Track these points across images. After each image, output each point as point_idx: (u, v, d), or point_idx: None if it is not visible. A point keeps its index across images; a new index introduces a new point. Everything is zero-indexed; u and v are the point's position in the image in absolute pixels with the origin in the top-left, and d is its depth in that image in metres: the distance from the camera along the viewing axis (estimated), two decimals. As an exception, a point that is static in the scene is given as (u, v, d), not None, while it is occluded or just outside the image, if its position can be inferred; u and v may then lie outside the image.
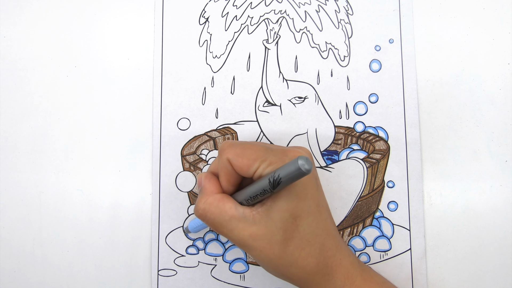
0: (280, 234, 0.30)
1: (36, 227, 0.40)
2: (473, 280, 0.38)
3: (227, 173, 0.31)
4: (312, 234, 0.31)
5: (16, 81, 0.42)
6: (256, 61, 0.41)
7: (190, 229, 0.38)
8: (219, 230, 0.31)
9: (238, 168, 0.30)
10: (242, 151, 0.31)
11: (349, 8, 0.41)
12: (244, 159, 0.30)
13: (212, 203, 0.31)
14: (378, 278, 0.35)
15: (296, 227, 0.30)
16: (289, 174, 0.26)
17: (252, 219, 0.30)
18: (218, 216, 0.31)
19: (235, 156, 0.31)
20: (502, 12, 0.41)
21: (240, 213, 0.30)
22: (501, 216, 0.39)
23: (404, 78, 0.40)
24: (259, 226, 0.30)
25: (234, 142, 0.32)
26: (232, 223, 0.30)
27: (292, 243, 0.30)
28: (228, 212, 0.31)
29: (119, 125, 0.41)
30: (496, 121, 0.40)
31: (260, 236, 0.30)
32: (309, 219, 0.31)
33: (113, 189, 0.40)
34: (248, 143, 0.32)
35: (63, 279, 0.40)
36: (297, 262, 0.31)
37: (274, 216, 0.30)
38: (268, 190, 0.28)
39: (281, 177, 0.27)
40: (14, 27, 0.42)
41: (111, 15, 0.42)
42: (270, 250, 0.30)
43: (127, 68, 0.41)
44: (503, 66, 0.40)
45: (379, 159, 0.40)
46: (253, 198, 0.30)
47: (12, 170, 0.41)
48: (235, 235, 0.31)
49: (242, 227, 0.30)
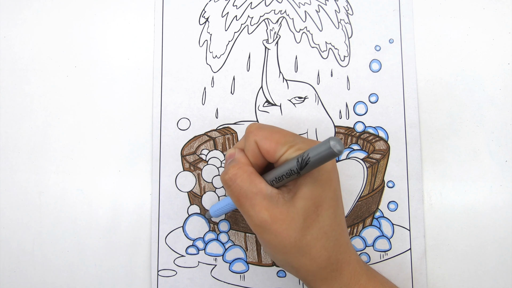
0: (300, 222, 0.29)
1: (36, 227, 0.40)
2: (473, 280, 0.38)
3: (253, 155, 0.31)
4: (330, 227, 0.30)
5: (16, 81, 0.42)
6: (256, 61, 0.41)
7: (211, 213, 0.37)
8: (242, 201, 0.30)
9: (265, 151, 0.30)
10: (271, 134, 0.30)
11: (349, 8, 0.41)
12: (273, 143, 0.30)
13: (246, 170, 0.30)
14: (381, 278, 0.35)
15: (317, 217, 0.30)
16: (320, 153, 0.26)
17: (277, 201, 0.30)
18: (247, 185, 0.30)
19: (262, 139, 0.30)
20: (502, 12, 0.41)
21: (268, 190, 0.30)
22: (501, 216, 0.39)
23: (404, 78, 0.40)
24: (282, 209, 0.29)
25: (262, 125, 0.31)
26: (257, 198, 0.30)
27: (310, 232, 0.30)
28: (257, 185, 0.30)
29: (119, 125, 0.41)
30: (496, 121, 0.40)
31: (280, 220, 0.29)
32: (329, 211, 0.30)
33: (113, 189, 0.40)
34: (277, 128, 0.32)
35: (63, 279, 0.40)
36: (310, 252, 0.30)
37: (297, 202, 0.29)
38: (295, 171, 0.28)
39: (310, 157, 0.26)
40: (14, 27, 0.42)
41: (111, 15, 0.42)
42: (287, 236, 0.29)
43: (127, 68, 0.41)
44: (503, 66, 0.40)
45: (379, 159, 0.40)
46: (278, 180, 0.29)
47: (12, 170, 0.41)
48: (255, 212, 0.30)
49: (265, 206, 0.30)
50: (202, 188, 0.40)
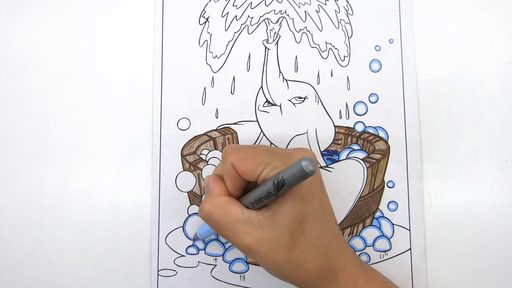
0: (286, 239, 0.30)
1: (36, 227, 0.40)
2: (473, 280, 0.38)
3: (231, 178, 0.31)
4: (318, 238, 0.31)
5: (16, 81, 0.42)
6: (256, 61, 0.41)
7: (198, 236, 0.38)
8: (224, 233, 0.31)
9: (242, 173, 0.30)
10: (246, 155, 0.30)
11: (349, 8, 0.41)
12: (248, 163, 0.30)
13: (218, 204, 0.31)
14: (380, 278, 0.35)
15: (302, 231, 0.30)
16: (293, 175, 0.26)
17: (258, 223, 0.30)
18: (223, 218, 0.30)
19: (238, 161, 0.30)
20: (502, 12, 0.41)
21: (246, 216, 0.30)
22: (501, 216, 0.39)
23: (404, 78, 0.40)
24: (265, 230, 0.30)
25: (238, 146, 0.32)
26: (237, 226, 0.30)
27: (298, 247, 0.30)
28: (233, 215, 0.30)
29: (119, 125, 0.41)
30: (496, 121, 0.40)
31: (266, 241, 0.30)
32: (314, 222, 0.30)
33: (113, 189, 0.40)
34: (252, 147, 0.32)
35: (63, 279, 0.40)
36: (302, 266, 0.30)
37: (280, 220, 0.29)
38: (273, 193, 0.28)
39: (285, 179, 0.27)
40: (14, 27, 0.42)
41: (111, 15, 0.42)
42: (276, 255, 0.30)
43: (127, 68, 0.41)
44: (503, 66, 0.40)
45: (379, 159, 0.40)
46: (258, 202, 0.30)
47: (12, 170, 0.41)
48: (239, 239, 0.30)
49: (247, 231, 0.30)
50: (202, 188, 0.40)
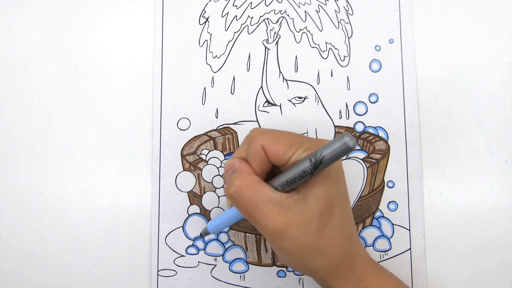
0: (316, 223, 0.29)
1: (36, 227, 0.40)
2: (473, 280, 0.38)
3: (259, 161, 0.30)
4: (343, 224, 0.30)
5: (16, 81, 0.42)
6: (256, 61, 0.41)
7: (209, 230, 0.36)
8: (252, 213, 0.29)
9: (273, 155, 0.29)
10: (277, 137, 0.30)
11: (349, 8, 0.41)
12: (280, 145, 0.29)
13: (251, 180, 0.29)
14: (387, 271, 0.35)
15: (331, 216, 0.29)
16: (334, 150, 0.26)
17: (288, 206, 0.29)
18: (255, 195, 0.29)
19: (269, 142, 0.29)
20: (502, 12, 0.41)
21: (277, 197, 0.29)
22: (501, 216, 0.39)
23: (404, 78, 0.40)
24: (295, 213, 0.29)
25: (266, 129, 0.31)
26: (267, 207, 0.29)
27: (326, 232, 0.29)
28: (266, 194, 0.29)
29: (119, 125, 0.41)
30: (496, 121, 0.40)
31: (296, 224, 0.28)
32: (341, 208, 0.30)
33: (113, 189, 0.40)
34: (280, 130, 0.31)
35: (63, 279, 0.40)
36: (328, 252, 0.30)
37: (311, 203, 0.29)
38: (308, 172, 0.27)
39: (324, 155, 0.26)
40: (14, 27, 0.42)
41: (111, 15, 0.42)
42: (304, 240, 0.29)
43: (127, 68, 0.41)
44: (503, 66, 0.40)
45: (379, 159, 0.40)
46: (290, 183, 0.29)
47: (12, 170, 0.41)
48: (269, 221, 0.28)
49: (278, 213, 0.28)
50: (202, 188, 0.40)
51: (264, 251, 0.39)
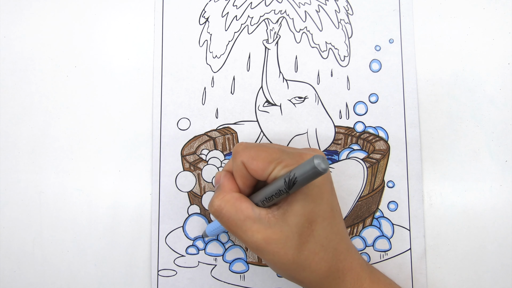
0: (295, 239, 0.29)
1: (36, 227, 0.40)
2: (473, 280, 0.38)
3: (242, 176, 0.31)
4: (326, 239, 0.30)
5: (16, 81, 0.42)
6: (256, 61, 0.41)
7: (207, 233, 0.38)
8: (233, 229, 0.31)
9: (253, 171, 0.30)
10: (257, 153, 0.30)
11: (349, 8, 0.41)
12: (259, 162, 0.30)
13: (229, 200, 0.31)
14: (385, 279, 0.35)
15: (311, 232, 0.30)
16: (305, 173, 0.26)
17: (267, 221, 0.30)
18: (233, 215, 0.30)
19: (249, 159, 0.30)
20: (502, 12, 0.41)
21: (256, 214, 0.30)
22: (501, 216, 0.39)
23: (404, 78, 0.40)
24: (274, 229, 0.30)
25: (248, 144, 0.31)
26: (246, 224, 0.30)
27: (307, 247, 0.30)
28: (244, 212, 0.30)
29: (119, 125, 0.41)
30: (496, 121, 0.40)
31: (275, 240, 0.29)
32: (324, 223, 0.30)
33: (113, 189, 0.40)
34: (263, 145, 0.31)
35: (63, 279, 0.40)
36: (310, 266, 0.30)
37: (290, 220, 0.29)
38: (284, 191, 0.28)
39: (296, 177, 0.27)
40: (14, 27, 0.42)
41: (111, 15, 0.42)
42: (284, 255, 0.30)
43: (127, 68, 0.41)
44: (503, 66, 0.40)
45: (379, 159, 0.40)
46: (269, 199, 0.30)
47: (12, 170, 0.41)
48: (248, 237, 0.30)
49: (257, 229, 0.30)
50: (202, 188, 0.40)
51: (264, 251, 0.39)
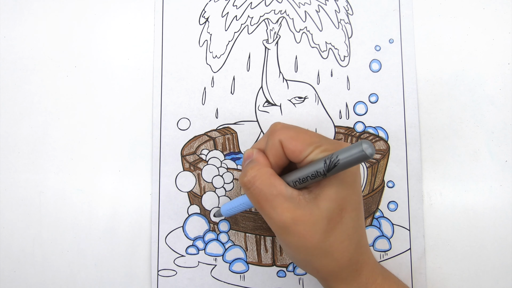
0: (324, 224, 0.29)
1: (36, 227, 0.40)
2: (473, 280, 0.38)
3: (276, 155, 0.30)
4: (353, 230, 0.30)
5: (16, 81, 0.42)
6: (256, 61, 0.41)
7: (222, 212, 0.36)
8: (262, 204, 0.29)
9: (290, 151, 0.29)
10: (297, 134, 0.30)
11: (349, 8, 0.41)
12: (298, 143, 0.29)
13: (265, 173, 0.30)
14: (394, 278, 0.35)
15: (341, 219, 0.29)
16: (350, 156, 0.26)
17: (298, 202, 0.29)
18: (267, 187, 0.29)
19: (288, 139, 0.29)
20: (502, 12, 0.41)
21: (288, 192, 0.29)
22: (501, 216, 0.39)
23: (404, 78, 0.40)
24: (304, 211, 0.29)
25: (287, 125, 0.31)
26: (277, 200, 0.29)
27: (333, 234, 0.29)
28: (277, 187, 0.29)
29: (119, 125, 0.41)
30: (496, 121, 0.40)
31: (303, 222, 0.29)
32: (352, 213, 0.30)
33: (113, 189, 0.40)
34: (302, 128, 0.31)
35: (63, 279, 0.40)
36: (333, 254, 0.30)
37: (321, 204, 0.29)
38: (321, 173, 0.27)
39: (339, 159, 0.26)
40: (14, 27, 0.42)
41: (111, 15, 0.42)
42: (310, 238, 0.29)
43: (127, 68, 0.41)
44: (503, 66, 0.40)
45: (379, 159, 0.40)
46: (302, 181, 0.29)
47: (12, 170, 0.41)
48: (277, 214, 0.29)
49: (287, 207, 0.29)
50: (202, 188, 0.40)
51: (264, 251, 0.39)
